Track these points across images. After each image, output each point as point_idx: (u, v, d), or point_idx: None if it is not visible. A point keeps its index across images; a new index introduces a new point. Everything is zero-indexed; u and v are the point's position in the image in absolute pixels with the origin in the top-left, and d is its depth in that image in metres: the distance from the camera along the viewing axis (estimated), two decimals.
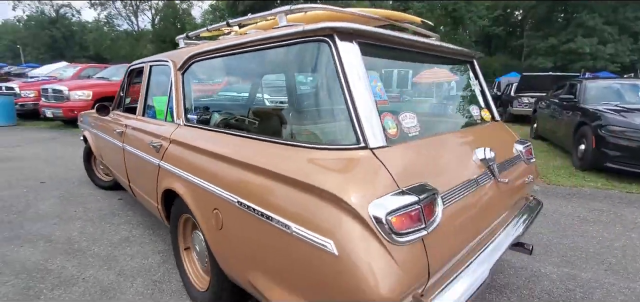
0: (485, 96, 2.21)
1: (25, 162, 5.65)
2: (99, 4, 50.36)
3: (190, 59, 2.10)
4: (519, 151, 2.04)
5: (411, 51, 1.69)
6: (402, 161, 1.27)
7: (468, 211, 1.45)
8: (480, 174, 1.58)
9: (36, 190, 4.21)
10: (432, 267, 1.16)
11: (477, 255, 1.45)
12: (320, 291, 1.14)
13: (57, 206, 3.69)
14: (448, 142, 1.69)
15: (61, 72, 13.56)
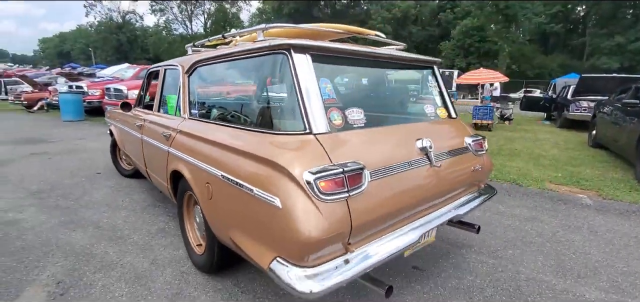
0: (443, 97, 2.57)
1: (86, 154, 6.21)
2: (159, 10, 54.00)
3: (195, 64, 2.54)
4: (469, 143, 2.34)
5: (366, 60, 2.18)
6: (340, 144, 1.65)
7: (399, 185, 1.78)
8: (416, 159, 1.91)
9: (92, 180, 4.61)
10: (355, 222, 1.52)
11: (411, 223, 1.86)
12: (273, 237, 1.54)
13: (108, 195, 4.01)
14: (392, 133, 2.04)
15: (123, 72, 14.76)
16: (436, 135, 2.13)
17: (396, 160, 1.81)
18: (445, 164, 2.08)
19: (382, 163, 1.72)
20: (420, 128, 2.25)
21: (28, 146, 6.80)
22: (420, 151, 1.95)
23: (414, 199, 1.89)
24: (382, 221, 1.72)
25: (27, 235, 2.97)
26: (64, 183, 4.46)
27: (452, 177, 2.17)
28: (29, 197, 3.93)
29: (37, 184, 4.42)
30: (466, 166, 2.29)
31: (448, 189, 2.16)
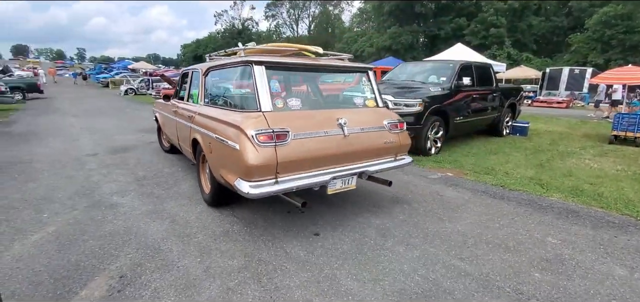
0: (374, 92, 3.59)
1: None
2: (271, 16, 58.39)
3: (208, 69, 3.73)
4: (385, 124, 3.31)
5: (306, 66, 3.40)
6: (279, 118, 2.70)
7: (315, 145, 2.77)
8: (333, 130, 2.91)
9: (186, 170, 4.91)
10: (280, 161, 2.56)
11: (326, 170, 2.86)
12: (235, 165, 2.63)
13: (193, 187, 4.17)
14: (320, 114, 3.09)
15: None
16: (356, 117, 3.18)
17: (315, 129, 2.82)
18: (357, 136, 3.05)
19: (304, 130, 2.75)
20: (345, 112, 3.21)
21: (150, 135, 7.81)
22: (338, 125, 2.94)
23: (327, 155, 2.87)
24: (301, 165, 2.74)
25: (118, 220, 3.20)
26: (164, 172, 4.85)
27: (364, 145, 3.12)
28: (134, 182, 4.35)
29: (144, 170, 4.91)
30: (379, 139, 3.24)
31: (360, 153, 3.10)
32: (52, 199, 3.73)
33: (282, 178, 2.64)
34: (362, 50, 44.39)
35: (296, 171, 2.72)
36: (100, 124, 9.60)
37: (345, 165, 3.00)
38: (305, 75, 3.79)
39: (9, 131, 8.25)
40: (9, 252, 2.59)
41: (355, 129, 3.04)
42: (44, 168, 4.98)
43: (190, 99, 4.18)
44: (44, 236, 2.86)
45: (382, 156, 3.31)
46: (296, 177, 2.70)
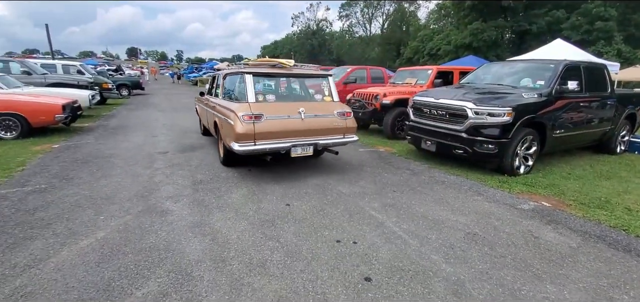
0: (330, 91, 5.11)
1: None
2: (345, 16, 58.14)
3: (226, 74, 5.39)
4: (335, 113, 4.78)
5: (289, 74, 5.08)
6: (258, 106, 4.40)
7: (281, 124, 4.40)
8: (294, 115, 4.47)
9: (241, 176, 4.71)
10: (256, 132, 4.24)
11: (290, 140, 4.45)
12: (232, 134, 4.29)
13: (242, 197, 3.90)
14: (288, 105, 4.65)
15: None
16: (314, 107, 4.77)
17: (282, 113, 4.44)
18: (312, 120, 4.61)
19: (273, 113, 4.38)
20: (306, 104, 4.78)
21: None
22: (298, 113, 4.51)
23: (289, 131, 4.45)
24: (271, 135, 4.34)
25: (162, 232, 3.03)
26: (220, 176, 4.71)
27: (317, 126, 4.65)
28: (190, 186, 4.27)
29: (203, 173, 4.85)
30: (330, 123, 4.75)
31: (314, 131, 4.63)
32: (113, 199, 3.78)
33: (259, 143, 4.31)
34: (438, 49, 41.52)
35: (268, 139, 4.38)
36: (180, 119, 10.22)
37: (304, 138, 4.59)
38: (282, 77, 5.22)
39: (107, 125, 9.20)
40: (55, 259, 2.55)
41: (310, 115, 4.63)
42: (119, 164, 5.25)
43: (215, 95, 6.00)
44: (92, 243, 2.79)
45: (332, 134, 4.83)
46: (268, 143, 4.37)
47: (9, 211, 3.42)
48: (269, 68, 4.86)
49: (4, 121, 6.89)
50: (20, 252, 2.62)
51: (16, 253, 2.61)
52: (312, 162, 5.59)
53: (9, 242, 2.78)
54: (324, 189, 4.26)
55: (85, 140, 7.00)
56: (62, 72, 14.07)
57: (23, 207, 3.50)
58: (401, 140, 7.62)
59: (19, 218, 3.23)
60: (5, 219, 3.22)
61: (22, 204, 3.58)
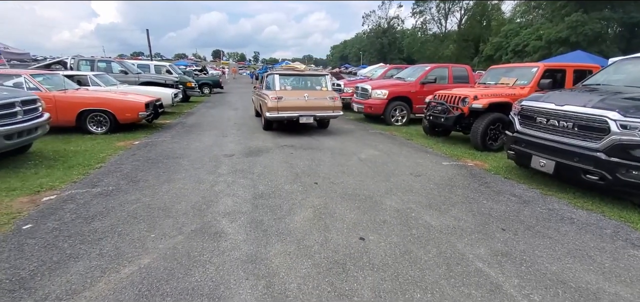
0: (325, 84, 8.35)
1: (320, 153, 6.02)
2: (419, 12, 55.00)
3: (268, 73, 8.67)
4: (328, 97, 7.84)
5: (301, 74, 8.62)
6: (281, 92, 7.66)
7: (293, 102, 7.56)
8: (301, 97, 7.65)
9: (305, 192, 4.03)
10: (279, 107, 7.43)
11: (298, 112, 7.54)
12: (266, 108, 7.57)
13: (305, 223, 3.19)
14: (300, 92, 7.91)
15: (374, 72, 15.14)
16: (314, 93, 7.88)
17: (294, 96, 7.67)
18: (313, 101, 7.63)
19: (289, 96, 7.61)
20: (309, 92, 7.90)
21: (284, 137, 7.49)
22: (303, 97, 7.64)
23: (298, 107, 7.52)
24: (287, 109, 7.47)
25: (211, 265, 2.46)
26: (283, 189, 4.10)
27: (315, 105, 7.63)
28: (250, 201, 3.71)
29: (265, 184, 4.29)
30: (323, 103, 7.71)
31: (313, 108, 7.60)
32: (170, 211, 3.38)
33: (281, 113, 7.39)
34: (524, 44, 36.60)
35: (286, 111, 7.42)
36: (250, 119, 10.09)
37: (307, 111, 7.56)
38: (297, 76, 8.48)
39: (184, 122, 9.43)
40: (88, 293, 2.11)
41: (311, 98, 7.67)
42: (185, 166, 4.99)
43: (261, 87, 8.97)
44: (133, 274, 2.32)
45: (325, 110, 7.80)
46: (286, 113, 7.44)
47: (69, 216, 3.21)
48: (289, 69, 8.94)
49: (96, 117, 7.31)
50: (57, 278, 2.26)
51: (53, 278, 2.25)
52: (388, 170, 4.69)
53: (53, 261, 2.45)
54: (407, 218, 3.34)
55: (162, 138, 7.08)
56: (154, 72, 15.22)
57: (83, 213, 3.27)
58: (493, 153, 6.25)
59: (75, 228, 2.97)
60: (61, 227, 2.98)
61: (84, 210, 3.36)
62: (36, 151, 5.62)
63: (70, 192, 3.86)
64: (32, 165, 4.82)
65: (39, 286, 2.16)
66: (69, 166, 4.83)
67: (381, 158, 5.78)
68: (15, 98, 4.73)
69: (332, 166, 5.22)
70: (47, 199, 3.64)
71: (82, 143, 6.31)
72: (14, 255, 2.51)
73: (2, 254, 2.51)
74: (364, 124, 9.97)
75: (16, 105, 4.68)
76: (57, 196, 3.73)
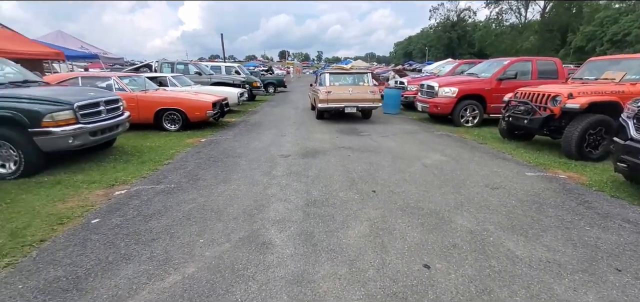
0: (367, 80, 9.69)
1: (378, 156, 5.54)
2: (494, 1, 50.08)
3: (322, 73, 10.59)
4: (369, 91, 9.27)
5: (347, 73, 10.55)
6: (331, 87, 9.24)
7: (340, 94, 9.07)
8: (347, 92, 9.12)
9: (362, 200, 3.62)
10: (328, 99, 9.01)
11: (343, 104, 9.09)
12: (318, 100, 9.26)
13: (360, 239, 2.80)
14: (345, 87, 9.32)
15: (441, 68, 13.93)
16: (357, 88, 9.28)
17: (341, 91, 9.13)
18: (356, 94, 9.09)
19: (337, 91, 9.10)
20: (353, 87, 9.30)
21: (344, 138, 7.14)
22: (349, 91, 9.10)
23: (344, 99, 9.02)
24: (335, 101, 9.02)
25: (254, 283, 2.22)
26: (337, 197, 3.75)
27: (358, 97, 9.08)
28: (302, 208, 3.44)
29: (319, 189, 3.99)
30: (364, 96, 9.13)
31: (357, 100, 9.06)
32: (222, 214, 3.27)
33: (330, 104, 9.02)
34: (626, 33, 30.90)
35: (334, 103, 9.02)
36: (309, 118, 9.96)
37: (351, 103, 9.04)
38: (343, 74, 9.98)
39: (247, 121, 9.67)
40: (132, 301, 2.02)
41: (355, 92, 9.11)
42: (242, 166, 4.95)
43: (316, 83, 10.65)
44: (176, 284, 2.20)
45: (366, 102, 9.17)
46: (333, 104, 9.04)
47: (132, 213, 3.29)
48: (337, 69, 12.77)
49: (170, 115, 7.80)
50: (107, 280, 2.22)
51: (104, 281, 2.22)
52: (457, 179, 4.05)
53: (108, 261, 2.46)
54: (483, 243, 2.74)
55: (225, 136, 7.27)
56: (225, 73, 16.08)
57: (144, 211, 3.33)
58: (592, 163, 5.10)
59: (133, 226, 3.00)
60: (123, 224, 3.04)
61: (145, 207, 3.43)
62: (119, 146, 6.13)
63: (137, 188, 4.03)
64: (113, 159, 5.22)
65: (90, 288, 2.14)
66: (142, 162, 5.13)
67: (449, 164, 5.09)
68: (100, 98, 5.16)
69: (392, 171, 4.72)
70: (118, 194, 3.83)
71: (157, 139, 6.76)
72: (77, 251, 2.58)
73: (67, 249, 2.61)
74: (428, 124, 9.14)
75: (101, 104, 5.10)
76: (126, 191, 3.91)
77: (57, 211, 3.30)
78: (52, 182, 4.11)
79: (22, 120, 4.16)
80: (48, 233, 2.86)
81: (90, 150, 5.38)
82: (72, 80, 7.29)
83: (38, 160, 4.38)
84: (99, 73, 8.79)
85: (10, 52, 8.85)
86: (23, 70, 5.62)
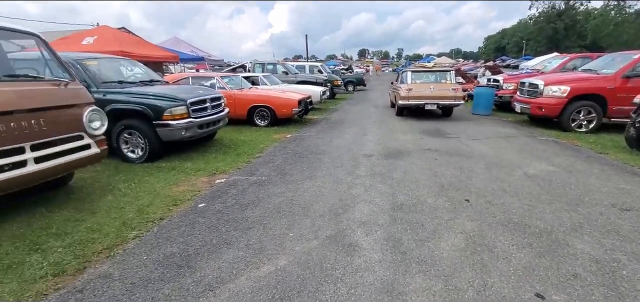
0: (450, 78, 9.67)
1: (469, 162, 5.01)
2: None
3: (403, 71, 11.31)
4: (451, 89, 9.18)
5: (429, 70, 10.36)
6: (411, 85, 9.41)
7: (421, 93, 9.12)
8: (428, 89, 9.15)
9: (453, 209, 3.29)
10: (409, 96, 9.09)
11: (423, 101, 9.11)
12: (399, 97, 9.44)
13: (460, 252, 2.53)
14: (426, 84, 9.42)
15: (546, 64, 12.04)
16: (438, 86, 9.29)
17: (422, 88, 9.17)
18: (436, 92, 9.06)
19: (418, 88, 9.18)
20: (435, 84, 9.37)
21: (429, 139, 6.69)
22: (430, 88, 9.18)
23: (424, 96, 9.05)
24: (416, 98, 9.07)
25: (342, 286, 2.16)
26: (426, 203, 3.48)
27: (439, 95, 9.03)
28: (387, 212, 3.29)
29: (405, 193, 3.78)
30: (445, 94, 9.06)
31: (438, 97, 9.04)
32: (309, 210, 3.33)
33: (410, 101, 9.08)
34: None
35: (414, 99, 9.07)
36: (390, 116, 9.63)
37: (432, 100, 9.01)
38: (425, 72, 10.00)
39: (328, 118, 9.81)
40: (232, 286, 2.15)
41: (436, 89, 9.07)
42: (326, 163, 5.00)
43: (397, 81, 11.02)
44: (269, 274, 2.28)
45: (448, 99, 9.07)
46: (414, 101, 9.08)
47: (230, 201, 3.57)
48: (419, 67, 11.08)
49: (260, 112, 8.37)
50: (212, 262, 2.43)
51: (209, 262, 2.43)
52: (573, 195, 3.38)
53: (213, 243, 2.69)
54: (613, 277, 2.21)
55: (308, 133, 7.48)
56: (308, 72, 16.66)
57: (240, 200, 3.59)
58: None
59: (232, 214, 3.25)
60: (223, 210, 3.32)
61: (241, 196, 3.70)
62: (218, 138, 6.80)
63: (234, 177, 4.38)
64: (214, 150, 5.81)
65: (198, 267, 2.37)
66: (237, 154, 5.58)
67: (559, 176, 4.32)
68: (206, 96, 5.78)
69: (488, 180, 4.21)
70: (218, 182, 4.22)
71: (249, 134, 7.31)
72: (187, 231, 2.90)
73: (180, 228, 2.95)
74: (528, 127, 7.98)
75: (207, 101, 5.70)
76: (225, 180, 4.29)
77: (172, 193, 3.77)
78: (168, 168, 4.74)
79: (148, 113, 4.89)
80: (165, 212, 3.29)
81: (196, 141, 6.08)
82: (184, 80, 8.36)
83: (159, 148, 5.10)
84: (204, 73, 9.90)
85: (139, 55, 10.56)
86: (149, 71, 6.62)
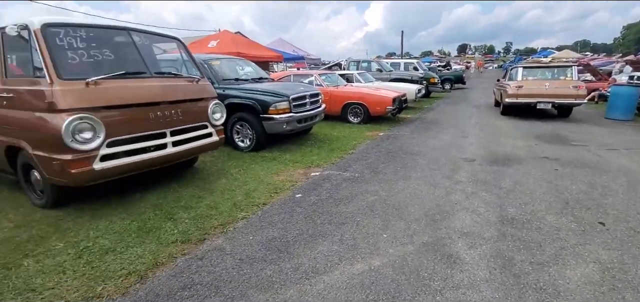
0: (571, 74, 8.30)
1: (605, 176, 4.04)
2: None
3: (512, 69, 9.64)
4: (572, 86, 7.96)
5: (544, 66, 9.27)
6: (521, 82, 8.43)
7: (531, 91, 8.17)
8: (541, 87, 8.23)
9: (583, 233, 2.68)
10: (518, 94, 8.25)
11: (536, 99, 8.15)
12: (506, 95, 8.63)
13: (593, 286, 2.04)
14: (538, 81, 8.28)
15: None
16: (556, 82, 8.24)
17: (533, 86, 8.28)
18: (553, 89, 8.05)
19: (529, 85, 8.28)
20: (550, 81, 8.28)
21: (546, 146, 5.67)
22: (545, 86, 8.19)
23: (536, 95, 8.10)
24: (526, 97, 8.11)
25: (442, 298, 1.98)
26: (544, 221, 2.94)
27: (555, 93, 7.97)
28: (494, 225, 2.89)
29: (516, 205, 3.26)
30: (564, 92, 7.95)
31: (553, 95, 7.86)
32: (403, 212, 3.17)
33: (519, 99, 8.24)
34: None
35: (524, 98, 8.20)
36: (496, 118, 8.52)
37: (545, 99, 7.99)
38: (540, 68, 8.93)
39: (423, 118, 9.25)
40: (327, 278, 2.19)
41: (553, 87, 7.97)
42: (421, 164, 4.71)
43: (504, 79, 9.91)
44: (363, 273, 2.25)
45: (567, 98, 7.90)
46: (523, 99, 8.23)
47: (325, 194, 3.67)
48: (534, 62, 9.97)
49: (354, 109, 8.40)
50: (309, 251, 2.52)
51: (306, 251, 2.53)
52: None
53: (309, 233, 2.80)
54: None
55: (402, 132, 7.18)
56: (403, 69, 16.03)
57: (335, 195, 3.65)
58: None
59: (326, 207, 3.33)
60: (318, 203, 3.42)
61: (335, 191, 3.76)
62: (313, 133, 7.09)
63: (328, 172, 4.49)
64: (309, 144, 6.07)
65: (296, 254, 2.49)
66: (331, 149, 5.72)
67: None
68: (306, 92, 6.08)
69: (632, 201, 3.33)
70: (314, 174, 4.39)
71: (341, 130, 7.42)
72: (286, 219, 3.08)
73: (281, 215, 3.15)
74: None
75: (306, 97, 6.00)
76: (320, 173, 4.43)
77: (273, 182, 4.08)
78: (270, 158, 5.15)
79: (257, 107, 5.39)
80: (268, 199, 3.56)
81: (294, 134, 6.45)
82: (286, 77, 8.98)
83: (264, 139, 5.59)
84: (304, 72, 10.46)
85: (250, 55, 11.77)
86: (258, 69, 7.31)
